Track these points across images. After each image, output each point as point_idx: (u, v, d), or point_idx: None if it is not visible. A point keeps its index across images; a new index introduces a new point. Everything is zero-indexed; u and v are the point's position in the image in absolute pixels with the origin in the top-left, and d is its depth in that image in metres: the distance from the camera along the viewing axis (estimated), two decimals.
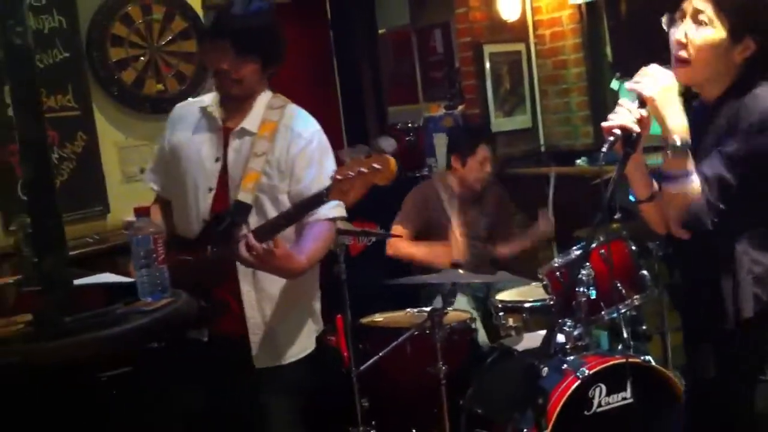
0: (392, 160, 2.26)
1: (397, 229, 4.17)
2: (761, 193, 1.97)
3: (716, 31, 1.97)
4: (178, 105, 2.70)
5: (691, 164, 1.95)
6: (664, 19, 2.05)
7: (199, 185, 2.53)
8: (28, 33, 1.69)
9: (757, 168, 1.94)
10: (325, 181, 2.36)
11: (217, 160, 2.54)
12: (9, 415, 1.57)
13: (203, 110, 2.59)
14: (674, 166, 1.94)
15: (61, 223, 1.75)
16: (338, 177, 2.26)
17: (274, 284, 2.57)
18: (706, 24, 1.97)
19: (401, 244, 4.13)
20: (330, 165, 2.56)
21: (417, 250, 4.11)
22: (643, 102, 1.92)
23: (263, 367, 2.59)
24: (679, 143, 1.92)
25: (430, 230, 4.18)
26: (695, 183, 1.94)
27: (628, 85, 1.97)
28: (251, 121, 2.55)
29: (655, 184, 2.09)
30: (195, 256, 2.48)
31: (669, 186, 1.97)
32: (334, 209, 2.52)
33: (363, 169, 2.23)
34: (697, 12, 1.98)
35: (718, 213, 1.93)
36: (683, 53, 1.98)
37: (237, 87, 2.51)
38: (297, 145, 2.54)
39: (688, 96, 2.03)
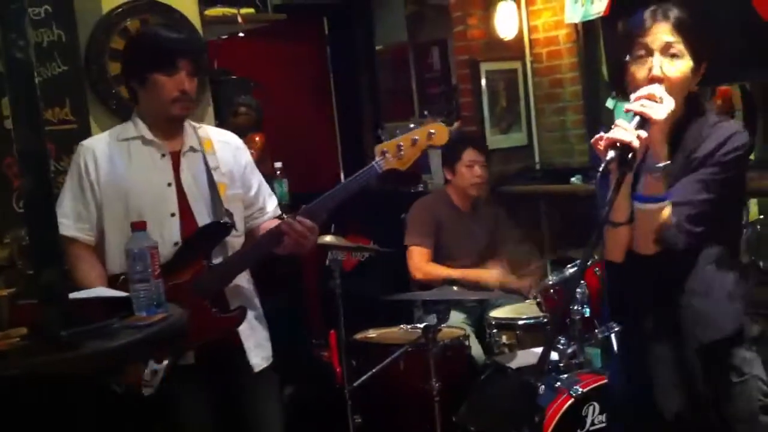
0: (443, 126, 2.64)
1: (415, 251, 4.10)
2: (725, 216, 2.05)
3: (687, 62, 2.01)
4: (87, 143, 2.61)
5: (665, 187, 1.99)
6: (627, 58, 2.04)
7: (159, 213, 2.52)
8: (29, 47, 1.70)
9: (728, 193, 2.02)
10: (264, 183, 2.76)
11: (169, 184, 2.56)
12: (8, 428, 1.57)
13: (138, 140, 2.57)
14: (655, 188, 1.97)
15: (58, 236, 1.75)
16: (384, 149, 2.54)
17: (244, 285, 2.65)
18: (679, 56, 2.00)
19: (430, 268, 4.08)
20: (256, 168, 2.79)
21: (455, 272, 4.03)
22: (642, 123, 1.93)
23: (259, 370, 2.64)
24: (663, 166, 1.96)
25: (443, 248, 4.16)
26: (669, 205, 1.99)
27: (631, 106, 1.95)
28: (192, 141, 2.63)
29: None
30: (179, 277, 2.46)
31: (647, 207, 1.99)
32: (277, 208, 2.78)
33: (416, 137, 2.54)
34: (668, 46, 1.99)
35: (690, 235, 1.99)
36: (664, 86, 1.98)
37: (191, 107, 2.61)
38: (242, 157, 2.72)
39: None
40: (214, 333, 2.48)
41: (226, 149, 2.67)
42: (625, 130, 1.89)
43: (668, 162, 1.96)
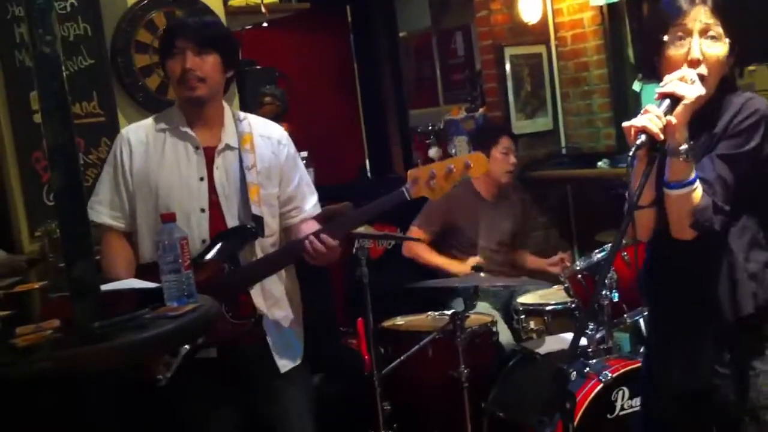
0: (482, 156, 2.53)
1: (414, 231, 4.17)
2: (753, 191, 2.01)
3: (725, 46, 1.99)
4: (125, 131, 2.64)
5: (694, 170, 1.97)
6: (666, 38, 2.02)
7: (189, 207, 2.51)
8: (57, 42, 1.71)
9: (752, 166, 1.98)
10: (306, 179, 2.69)
11: (201, 179, 2.53)
12: (41, 420, 1.59)
13: (175, 131, 2.56)
14: (681, 173, 1.95)
15: (89, 229, 1.77)
16: (416, 176, 2.47)
17: (276, 287, 2.62)
18: (717, 39, 1.98)
19: (419, 249, 4.13)
20: (301, 162, 2.75)
21: (436, 259, 4.09)
22: (671, 108, 1.92)
23: (286, 371, 2.62)
24: (686, 149, 1.94)
25: (449, 236, 4.17)
26: (700, 187, 1.96)
27: (662, 88, 1.95)
28: (230, 136, 2.58)
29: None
30: (200, 275, 2.42)
31: (678, 192, 1.97)
32: (317, 206, 2.71)
33: (452, 166, 2.45)
34: (707, 28, 1.98)
35: (725, 213, 1.97)
36: (701, 71, 1.97)
37: (202, 87, 2.50)
38: (282, 152, 2.65)
39: None
40: (219, 335, 2.43)
41: (266, 145, 2.62)
42: (654, 118, 1.89)
43: (690, 144, 1.93)
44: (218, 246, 2.50)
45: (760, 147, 1.98)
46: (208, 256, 2.48)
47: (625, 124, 1.93)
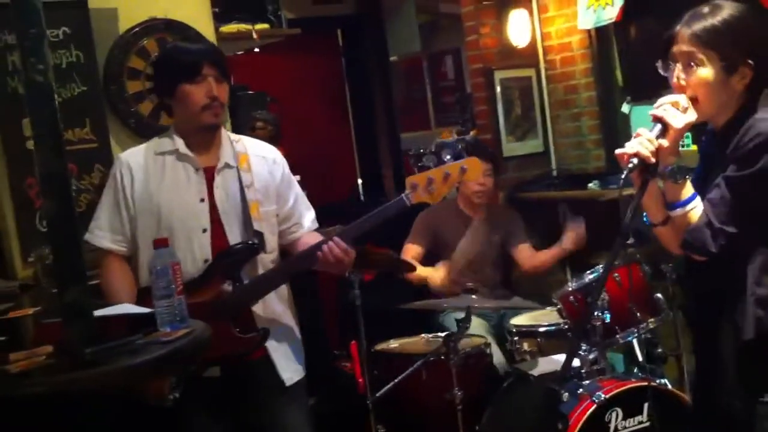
0: (477, 161, 2.58)
1: (408, 247, 4.21)
2: (765, 214, 1.99)
3: (708, 69, 2.00)
4: (124, 156, 2.65)
5: (691, 188, 2.00)
6: (659, 65, 2.07)
7: (190, 228, 2.53)
8: (49, 70, 1.73)
9: (759, 189, 1.96)
10: (302, 196, 2.75)
11: (202, 200, 2.56)
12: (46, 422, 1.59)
13: (174, 154, 2.58)
14: (675, 194, 2.00)
15: (82, 254, 1.78)
16: (415, 182, 2.54)
17: (276, 302, 2.65)
18: (698, 65, 2.01)
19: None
20: (295, 180, 2.79)
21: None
22: (663, 132, 1.96)
23: (291, 384, 2.65)
24: (669, 170, 1.98)
25: (439, 253, 4.20)
26: (699, 206, 1.99)
27: (654, 111, 2.00)
28: (228, 156, 2.62)
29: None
30: (204, 295, 2.47)
31: (674, 212, 2.02)
32: (314, 221, 2.77)
33: (449, 171, 2.52)
34: (686, 55, 2.02)
35: (726, 236, 1.97)
36: (690, 95, 2.02)
37: (222, 113, 2.59)
38: (279, 171, 2.70)
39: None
40: (229, 352, 2.47)
41: (262, 164, 2.66)
42: (645, 141, 1.94)
43: (674, 165, 1.97)
44: (220, 265, 2.52)
45: (766, 170, 1.95)
46: (211, 276, 2.51)
47: (617, 151, 1.98)
